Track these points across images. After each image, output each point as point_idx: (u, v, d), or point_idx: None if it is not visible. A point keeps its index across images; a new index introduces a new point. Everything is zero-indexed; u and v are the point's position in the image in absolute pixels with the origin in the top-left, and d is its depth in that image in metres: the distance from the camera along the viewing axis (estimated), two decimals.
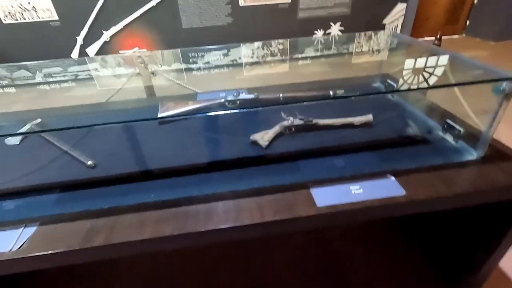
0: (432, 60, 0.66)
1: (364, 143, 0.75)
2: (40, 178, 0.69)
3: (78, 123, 0.85)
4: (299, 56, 1.54)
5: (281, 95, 0.90)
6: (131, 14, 2.53)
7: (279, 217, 0.57)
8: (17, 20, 2.43)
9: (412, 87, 0.77)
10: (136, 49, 2.67)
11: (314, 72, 1.52)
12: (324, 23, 2.77)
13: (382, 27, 2.86)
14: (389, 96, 1.00)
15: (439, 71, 0.69)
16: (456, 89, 0.96)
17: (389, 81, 1.01)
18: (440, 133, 0.78)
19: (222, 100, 0.89)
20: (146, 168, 0.71)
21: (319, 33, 2.79)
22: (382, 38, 1.32)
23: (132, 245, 0.54)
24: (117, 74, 1.48)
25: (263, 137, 0.73)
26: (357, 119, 0.79)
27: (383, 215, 0.60)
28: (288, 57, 1.56)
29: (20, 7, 2.39)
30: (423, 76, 0.79)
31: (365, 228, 1.13)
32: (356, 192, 0.62)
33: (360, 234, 1.10)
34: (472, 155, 0.70)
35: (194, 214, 0.58)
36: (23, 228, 0.57)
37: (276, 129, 0.76)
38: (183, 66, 1.46)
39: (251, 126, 0.80)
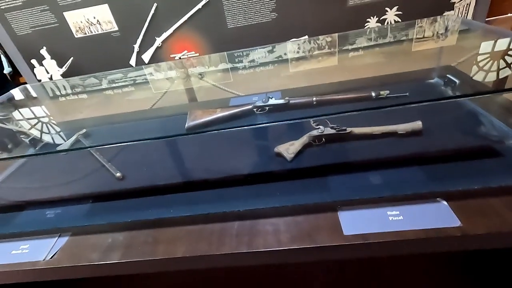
0: (498, 50, 0.51)
1: (410, 157, 0.63)
2: (77, 188, 0.74)
3: (117, 134, 0.90)
4: (349, 48, 1.41)
5: (314, 99, 0.82)
6: (179, 19, 2.64)
7: (297, 245, 0.50)
8: (85, 34, 2.74)
9: (474, 88, 0.63)
10: (185, 52, 2.79)
11: (364, 66, 1.38)
12: (378, 9, 2.49)
13: (451, 7, 2.46)
14: (449, 92, 0.83)
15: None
16: None
17: (449, 76, 0.84)
18: None
19: (251, 107, 0.85)
20: (167, 182, 0.71)
21: (372, 21, 2.54)
22: (443, 25, 1.12)
23: (145, 264, 0.53)
24: (165, 79, 1.56)
25: (289, 149, 0.67)
26: (401, 127, 0.66)
27: (427, 250, 0.49)
28: (337, 50, 1.45)
29: (87, 22, 2.68)
30: (497, 70, 0.64)
31: (418, 257, 0.97)
32: (395, 219, 0.51)
33: (412, 263, 0.94)
34: None
35: (208, 234, 0.56)
36: (57, 237, 0.62)
37: (303, 139, 0.69)
38: (229, 66, 1.46)
39: (278, 135, 0.74)
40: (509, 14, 3.03)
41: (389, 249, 0.49)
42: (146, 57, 3.08)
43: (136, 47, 2.95)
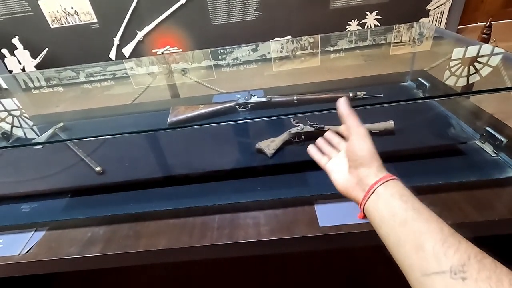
0: (465, 58, 0.56)
1: (382, 154, 0.67)
2: (54, 182, 0.73)
3: (96, 128, 0.88)
4: (331, 49, 1.45)
5: (295, 98, 0.85)
6: (162, 14, 2.59)
7: (276, 236, 0.53)
8: (62, 24, 2.63)
9: (442, 91, 0.68)
10: (167, 47, 2.74)
11: (344, 67, 1.43)
12: (358, 13, 2.58)
13: (426, 14, 2.59)
14: (420, 94, 0.89)
15: (475, 71, 0.59)
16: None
17: (420, 79, 0.90)
18: (478, 143, 0.67)
19: (233, 104, 0.86)
20: (149, 176, 0.71)
21: (353, 24, 2.61)
22: (419, 31, 1.18)
23: (126, 257, 0.54)
24: (147, 74, 1.53)
25: (269, 145, 0.69)
26: (375, 126, 0.70)
27: None
28: (319, 51, 1.48)
29: (64, 12, 2.58)
30: (459, 76, 0.69)
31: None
32: None
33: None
34: None
35: (190, 227, 0.57)
36: (33, 232, 0.61)
37: (284, 136, 0.71)
38: (213, 63, 1.46)
39: (259, 132, 0.76)
40: (478, 23, 3.21)
41: (361, 239, 0.52)
42: (127, 51, 2.99)
43: (117, 40, 2.87)
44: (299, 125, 0.72)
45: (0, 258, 0.55)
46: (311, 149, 0.51)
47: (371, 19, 2.58)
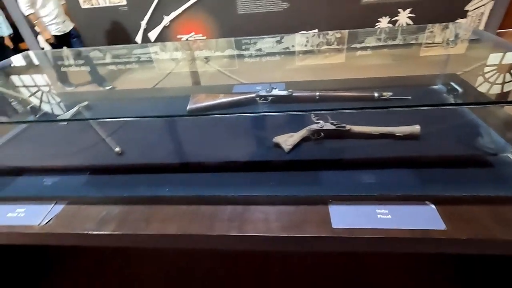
0: (505, 64, 0.52)
1: (404, 159, 0.64)
2: (75, 159, 0.75)
3: (118, 110, 0.90)
4: (357, 46, 1.40)
5: (317, 94, 0.83)
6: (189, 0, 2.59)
7: (286, 233, 0.52)
8: (92, 5, 2.69)
9: (475, 98, 0.64)
10: (192, 34, 2.75)
11: (370, 66, 1.38)
12: (391, 10, 2.47)
13: (464, 15, 2.44)
14: (450, 100, 0.84)
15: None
16: None
17: (453, 84, 0.84)
18: (510, 156, 0.63)
19: (254, 95, 0.85)
20: (165, 161, 0.71)
21: (384, 21, 2.51)
22: (454, 32, 1.11)
23: (137, 238, 0.55)
24: (171, 59, 1.54)
25: (287, 141, 0.68)
26: (400, 129, 0.67)
27: (411, 250, 0.51)
28: (345, 47, 1.44)
29: None
30: (502, 83, 0.64)
31: (405, 255, 0.99)
32: (383, 217, 0.53)
33: (399, 260, 0.96)
34: None
35: (201, 215, 0.57)
36: (53, 205, 0.63)
37: (302, 132, 0.70)
38: (236, 52, 1.45)
39: (277, 126, 0.75)
40: None
41: (374, 245, 0.51)
42: (153, 35, 3.04)
43: (143, 24, 2.92)
44: (319, 122, 0.70)
45: (22, 227, 0.58)
46: None
47: (403, 17, 2.47)
